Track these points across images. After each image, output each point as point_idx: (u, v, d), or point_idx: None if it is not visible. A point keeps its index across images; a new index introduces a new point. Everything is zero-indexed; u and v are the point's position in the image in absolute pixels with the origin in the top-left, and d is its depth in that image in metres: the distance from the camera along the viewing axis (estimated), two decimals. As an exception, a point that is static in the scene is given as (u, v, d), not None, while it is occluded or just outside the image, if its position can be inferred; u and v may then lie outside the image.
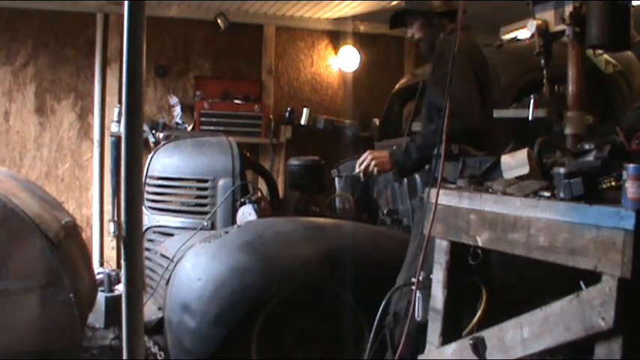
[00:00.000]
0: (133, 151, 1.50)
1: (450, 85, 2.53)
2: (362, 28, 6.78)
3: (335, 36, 6.77)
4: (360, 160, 2.91)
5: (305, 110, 6.54)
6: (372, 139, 5.10)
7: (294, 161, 4.37)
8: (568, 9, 2.49)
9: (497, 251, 2.01)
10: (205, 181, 3.65)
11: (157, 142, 5.02)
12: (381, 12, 6.33)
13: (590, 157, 1.87)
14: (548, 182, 1.87)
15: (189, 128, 6.00)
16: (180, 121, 6.05)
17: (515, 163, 2.06)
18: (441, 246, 2.27)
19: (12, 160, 5.82)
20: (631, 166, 1.55)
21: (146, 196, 3.74)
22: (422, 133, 2.85)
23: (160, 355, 3.26)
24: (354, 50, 6.70)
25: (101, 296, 4.04)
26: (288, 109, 6.49)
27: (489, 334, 1.98)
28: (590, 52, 2.78)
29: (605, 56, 3.40)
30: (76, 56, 5.89)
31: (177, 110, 6.11)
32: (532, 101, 2.65)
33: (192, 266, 3.04)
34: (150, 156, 3.90)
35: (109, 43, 5.87)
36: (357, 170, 2.93)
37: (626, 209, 1.52)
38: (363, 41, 6.79)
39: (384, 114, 4.74)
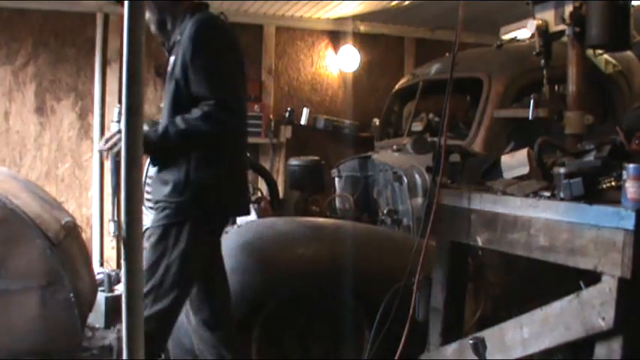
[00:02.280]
0: (132, 151, 1.49)
1: (219, 74, 2.34)
2: (362, 28, 6.78)
3: (335, 36, 6.76)
4: (108, 135, 2.43)
5: (305, 110, 6.54)
6: (372, 139, 5.10)
7: (294, 161, 4.37)
8: (568, 9, 2.49)
9: (497, 251, 2.01)
10: (205, 181, 3.64)
11: (156, 142, 5.00)
12: (381, 12, 6.33)
13: (590, 157, 1.87)
14: (548, 182, 1.87)
15: (189, 128, 5.99)
16: (180, 121, 6.05)
17: (515, 163, 2.07)
18: (441, 246, 2.27)
19: (12, 160, 5.82)
20: (631, 166, 1.55)
21: (146, 196, 3.73)
22: (185, 118, 2.36)
23: (160, 355, 3.26)
24: (354, 50, 6.70)
25: (101, 296, 4.04)
26: (288, 109, 6.49)
27: (489, 334, 1.98)
28: (590, 52, 2.78)
29: (605, 56, 3.40)
30: (76, 56, 5.88)
31: (178, 110, 6.10)
32: (532, 101, 2.65)
33: (192, 266, 3.03)
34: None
35: (109, 42, 5.87)
36: (101, 147, 2.42)
37: (626, 209, 1.52)
38: (363, 41, 6.79)
39: (384, 114, 4.74)
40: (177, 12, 2.55)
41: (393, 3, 5.96)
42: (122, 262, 1.52)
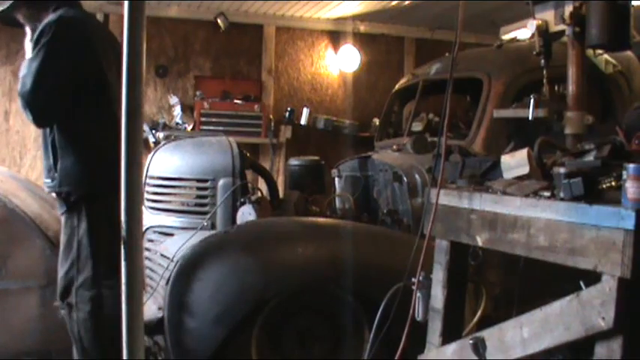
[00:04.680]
0: (132, 151, 1.50)
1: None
2: (362, 28, 6.79)
3: (335, 36, 6.77)
4: None
5: (305, 110, 6.54)
6: (372, 138, 5.10)
7: (294, 161, 4.37)
8: (568, 9, 2.49)
9: (497, 251, 2.01)
10: (205, 181, 3.64)
11: (157, 142, 5.02)
12: (381, 12, 6.34)
13: (590, 157, 1.87)
14: (548, 182, 1.87)
15: (189, 128, 6.00)
16: (180, 121, 6.06)
17: (515, 163, 2.07)
18: (441, 246, 2.27)
19: (12, 159, 5.82)
20: (631, 166, 1.55)
21: (146, 196, 3.73)
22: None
23: (160, 355, 3.26)
24: (354, 50, 6.70)
25: (101, 296, 4.01)
26: (288, 109, 6.49)
27: (489, 334, 1.98)
28: (590, 52, 2.78)
29: (605, 56, 3.40)
30: (76, 56, 5.88)
31: (177, 110, 6.11)
32: (532, 101, 2.65)
33: (192, 266, 3.04)
34: (150, 156, 3.89)
35: (109, 43, 5.87)
36: None
37: (626, 209, 1.52)
38: (363, 41, 6.79)
39: (384, 114, 4.74)
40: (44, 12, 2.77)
41: (393, 3, 5.97)
42: (122, 262, 1.52)
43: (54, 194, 2.83)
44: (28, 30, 2.82)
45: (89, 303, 2.72)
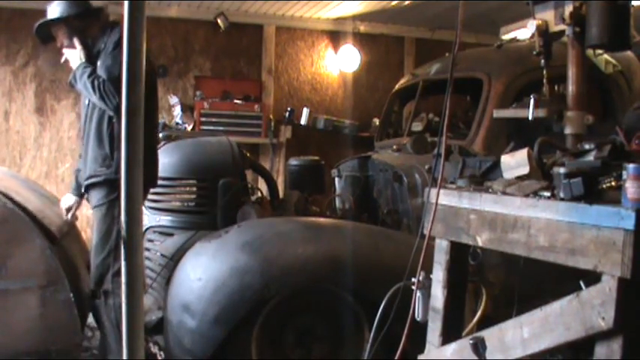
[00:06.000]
0: (133, 151, 1.50)
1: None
2: (362, 28, 6.79)
3: (335, 36, 6.77)
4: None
5: (305, 110, 6.54)
6: (372, 138, 5.11)
7: (294, 161, 4.37)
8: (568, 9, 2.49)
9: (497, 251, 2.01)
10: (205, 181, 3.64)
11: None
12: (381, 12, 6.34)
13: (590, 157, 1.87)
14: (548, 182, 1.87)
15: (189, 128, 6.00)
16: (180, 121, 6.05)
17: (515, 163, 2.07)
18: (441, 246, 2.27)
19: (12, 159, 5.82)
20: (631, 166, 1.55)
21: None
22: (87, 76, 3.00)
23: (160, 355, 3.26)
24: (354, 50, 6.70)
25: (101, 296, 4.01)
26: (288, 109, 6.50)
27: (489, 334, 1.98)
28: (590, 52, 2.78)
29: (605, 56, 3.40)
30: (76, 56, 5.88)
31: (177, 110, 6.11)
32: (532, 101, 2.65)
33: (192, 266, 3.04)
34: (150, 156, 3.90)
35: (109, 42, 5.87)
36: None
37: (626, 209, 1.52)
38: (363, 41, 6.79)
39: (384, 114, 4.74)
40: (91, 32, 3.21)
41: (393, 3, 5.97)
42: (122, 262, 1.52)
43: (97, 185, 3.04)
44: (75, 42, 3.14)
45: None
